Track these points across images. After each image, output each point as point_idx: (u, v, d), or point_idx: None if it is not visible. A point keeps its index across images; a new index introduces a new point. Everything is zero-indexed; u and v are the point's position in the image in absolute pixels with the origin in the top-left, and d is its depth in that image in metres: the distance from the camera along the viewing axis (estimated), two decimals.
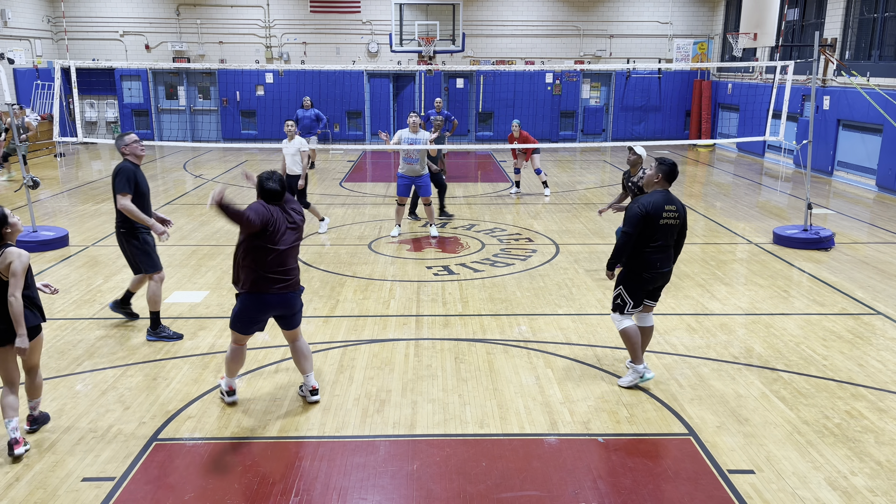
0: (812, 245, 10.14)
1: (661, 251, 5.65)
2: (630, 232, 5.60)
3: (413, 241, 10.62)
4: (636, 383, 5.82)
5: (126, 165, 6.61)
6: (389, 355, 6.49)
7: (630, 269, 5.74)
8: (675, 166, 5.73)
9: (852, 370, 6.22)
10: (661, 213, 5.57)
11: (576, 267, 9.29)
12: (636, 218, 5.58)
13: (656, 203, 5.59)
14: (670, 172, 5.72)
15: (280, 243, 5.18)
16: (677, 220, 5.67)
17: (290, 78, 22.04)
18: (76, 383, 5.91)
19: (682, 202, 5.77)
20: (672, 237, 5.71)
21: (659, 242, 5.62)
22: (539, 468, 4.71)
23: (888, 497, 4.41)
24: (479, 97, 22.45)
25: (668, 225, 5.62)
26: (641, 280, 5.71)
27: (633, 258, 5.68)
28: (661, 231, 5.61)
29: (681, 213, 5.70)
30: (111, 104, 22.63)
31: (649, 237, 5.60)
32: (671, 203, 5.65)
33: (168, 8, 22.07)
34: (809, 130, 10.69)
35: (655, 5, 22.55)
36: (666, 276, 5.79)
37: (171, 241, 10.51)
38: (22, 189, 12.39)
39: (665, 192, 5.71)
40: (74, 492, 4.44)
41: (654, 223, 5.57)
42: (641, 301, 5.81)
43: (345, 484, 4.54)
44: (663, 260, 5.69)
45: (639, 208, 5.59)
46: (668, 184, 5.75)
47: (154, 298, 6.73)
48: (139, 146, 6.73)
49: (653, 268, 5.66)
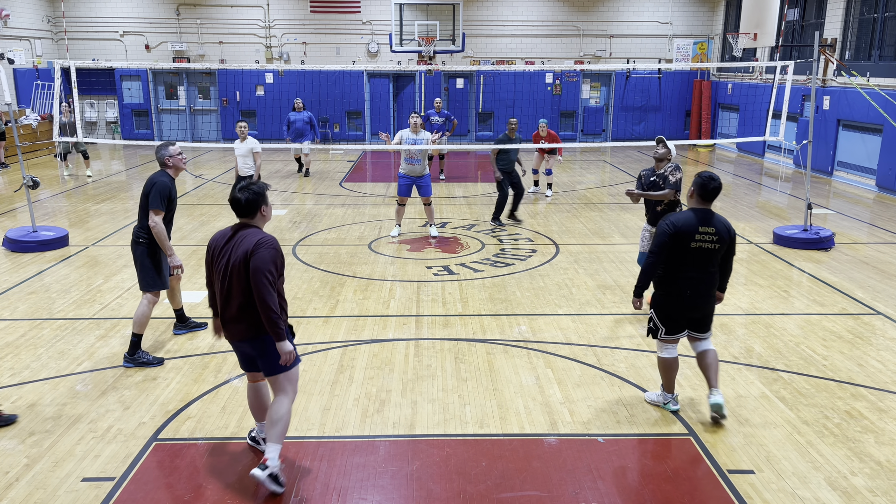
0: (812, 245, 10.14)
1: (693, 278, 5.02)
2: (655, 252, 5.03)
3: (413, 241, 10.62)
4: (657, 405, 5.49)
5: (163, 179, 6.25)
6: (389, 355, 6.49)
7: (659, 292, 5.19)
8: (710, 180, 5.03)
9: (852, 370, 6.22)
10: (693, 234, 4.94)
11: (576, 267, 9.29)
12: (661, 237, 5.00)
13: (688, 222, 4.96)
14: (702, 186, 5.03)
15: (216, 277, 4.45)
16: (715, 244, 4.97)
17: (290, 78, 22.04)
18: (76, 383, 5.91)
19: (727, 223, 5.07)
20: (710, 263, 5.02)
21: (691, 268, 5.00)
22: (539, 468, 4.70)
23: (888, 497, 4.41)
24: (479, 97, 22.45)
25: (702, 249, 4.96)
26: (672, 306, 5.12)
27: (663, 281, 5.12)
28: (694, 255, 4.97)
29: (722, 236, 4.99)
30: (111, 104, 22.63)
31: (679, 261, 5.00)
32: (708, 224, 4.97)
33: (168, 8, 22.07)
34: (809, 130, 10.69)
35: (655, 5, 22.56)
36: (701, 308, 5.13)
37: (172, 241, 10.48)
38: (22, 189, 12.39)
39: (702, 210, 5.03)
40: (74, 492, 4.44)
41: (683, 245, 4.95)
42: (678, 329, 5.19)
43: (345, 484, 4.54)
44: (696, 289, 5.03)
45: (666, 226, 5.00)
46: (705, 201, 5.06)
47: (141, 320, 6.22)
48: (182, 159, 6.43)
49: (681, 295, 5.05)
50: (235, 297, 4.32)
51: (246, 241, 4.31)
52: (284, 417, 4.40)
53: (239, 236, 4.37)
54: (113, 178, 16.27)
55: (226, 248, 4.37)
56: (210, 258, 4.48)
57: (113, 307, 7.71)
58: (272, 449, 4.39)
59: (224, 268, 4.35)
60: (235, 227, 4.45)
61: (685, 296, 5.04)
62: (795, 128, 17.33)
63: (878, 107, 12.41)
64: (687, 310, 5.12)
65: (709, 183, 5.03)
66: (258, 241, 4.27)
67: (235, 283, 4.31)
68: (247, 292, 4.29)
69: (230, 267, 4.31)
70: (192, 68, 19.42)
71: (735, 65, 17.88)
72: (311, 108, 21.95)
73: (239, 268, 4.27)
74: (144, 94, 22.35)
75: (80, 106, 22.36)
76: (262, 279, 4.19)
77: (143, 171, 16.58)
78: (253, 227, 4.42)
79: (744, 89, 20.21)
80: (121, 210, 12.70)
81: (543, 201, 13.65)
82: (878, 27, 15.23)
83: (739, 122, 20.41)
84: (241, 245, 4.30)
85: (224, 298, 4.39)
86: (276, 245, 4.33)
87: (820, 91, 16.47)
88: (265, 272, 4.20)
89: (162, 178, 6.27)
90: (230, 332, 4.44)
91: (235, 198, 4.38)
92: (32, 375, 6.04)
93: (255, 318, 4.30)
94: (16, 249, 9.84)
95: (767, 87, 18.53)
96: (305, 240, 10.58)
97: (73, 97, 12.08)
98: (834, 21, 16.48)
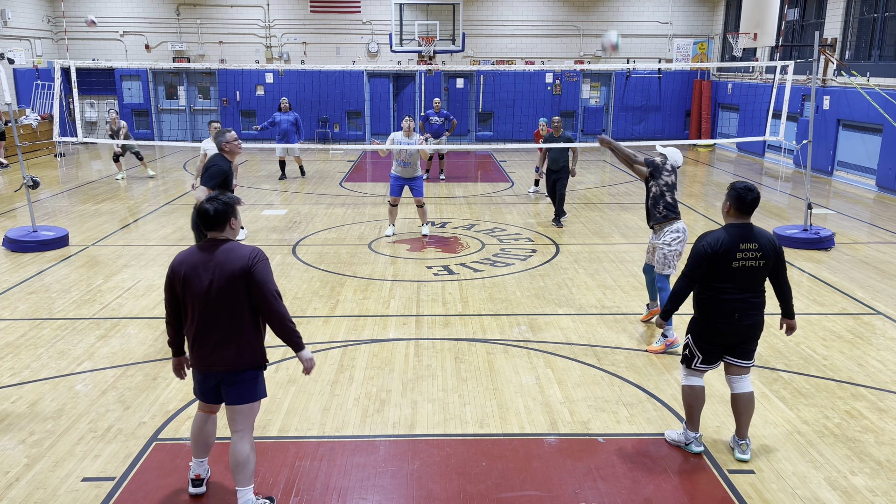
0: (812, 245, 10.14)
1: (740, 299, 4.58)
2: (688, 276, 4.64)
3: (413, 241, 10.61)
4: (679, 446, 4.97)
5: (220, 163, 6.86)
6: (389, 355, 6.49)
7: (701, 314, 4.72)
8: (747, 191, 4.58)
9: (852, 370, 6.22)
10: (734, 253, 4.52)
11: (576, 267, 9.29)
12: (696, 260, 4.59)
13: (726, 241, 4.53)
14: (740, 199, 4.59)
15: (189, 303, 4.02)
16: (760, 260, 4.54)
17: (290, 78, 22.04)
18: (76, 383, 5.91)
19: (770, 237, 4.63)
20: (758, 282, 4.62)
21: (736, 288, 4.57)
22: (539, 468, 4.70)
23: (888, 497, 4.41)
24: (479, 97, 22.45)
25: (747, 268, 4.54)
26: (714, 332, 4.66)
27: (704, 305, 4.68)
28: (738, 275, 4.55)
29: (767, 251, 4.55)
30: (111, 104, 22.63)
31: (722, 282, 4.58)
32: (750, 240, 4.54)
33: (168, 8, 22.07)
34: (809, 130, 10.69)
35: (655, 5, 22.56)
36: (748, 330, 4.66)
37: (171, 241, 10.52)
38: (22, 189, 12.39)
39: (741, 225, 4.61)
40: (74, 492, 4.44)
41: (725, 265, 4.53)
42: (716, 358, 4.76)
43: (345, 484, 4.54)
44: (744, 310, 4.59)
45: (701, 248, 4.58)
46: (744, 214, 4.63)
47: None
48: (238, 144, 7.00)
49: (728, 318, 4.59)
50: (222, 321, 3.98)
51: (231, 257, 3.96)
52: (250, 457, 4.11)
53: (217, 255, 3.98)
54: (113, 178, 16.27)
55: (201, 270, 3.96)
56: (179, 282, 4.00)
57: (113, 307, 7.71)
58: (244, 493, 4.11)
59: (204, 291, 3.94)
60: (205, 244, 4.04)
61: (732, 319, 4.59)
62: (795, 128, 17.33)
63: (878, 107, 12.41)
64: (732, 335, 4.64)
65: (746, 195, 4.58)
66: (251, 255, 3.97)
67: (219, 308, 3.96)
68: (233, 316, 3.98)
69: (213, 289, 3.93)
70: (192, 68, 19.42)
71: (735, 65, 17.88)
72: (311, 107, 21.99)
73: (226, 288, 3.93)
74: (144, 93, 22.35)
75: (81, 106, 22.37)
76: (270, 293, 3.97)
77: (144, 171, 16.59)
78: (224, 240, 4.05)
79: (744, 89, 20.22)
80: (121, 210, 12.70)
81: (544, 201, 13.65)
82: (878, 27, 15.23)
83: (739, 122, 20.41)
84: (227, 263, 3.94)
85: (202, 325, 4.00)
86: (266, 257, 4.08)
87: (820, 91, 16.47)
88: (271, 284, 3.99)
89: (219, 162, 6.86)
90: (212, 361, 4.02)
91: (204, 209, 4.01)
92: (32, 375, 6.05)
93: (243, 343, 4.02)
94: (16, 249, 9.85)
95: (767, 86, 18.53)
96: (305, 240, 10.58)
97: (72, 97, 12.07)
98: (834, 21, 16.48)
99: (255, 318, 4.05)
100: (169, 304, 4.09)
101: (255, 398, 4.13)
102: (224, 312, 3.97)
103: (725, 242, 4.53)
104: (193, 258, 4.00)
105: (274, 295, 3.99)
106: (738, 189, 4.61)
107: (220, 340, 4.00)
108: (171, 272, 4.04)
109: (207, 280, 3.94)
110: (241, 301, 3.97)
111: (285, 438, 5.06)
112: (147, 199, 13.77)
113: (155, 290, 8.30)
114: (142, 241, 10.56)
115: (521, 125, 22.43)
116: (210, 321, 3.98)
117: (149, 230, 11.22)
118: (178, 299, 4.06)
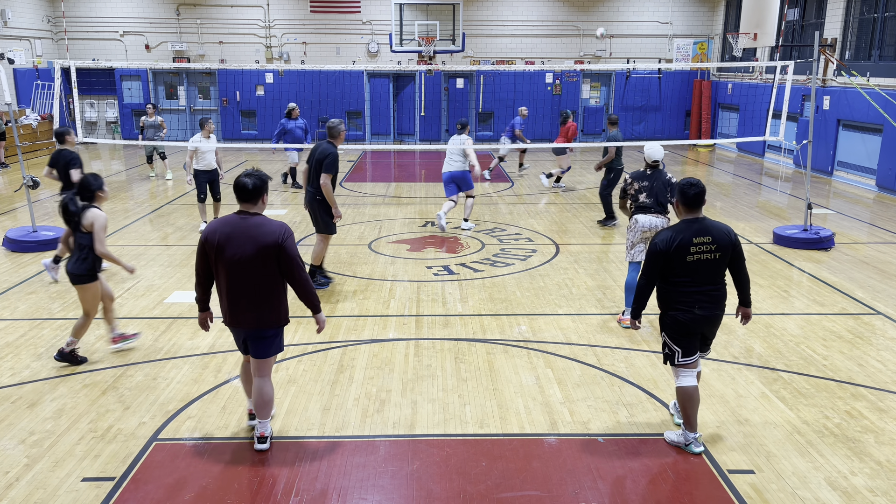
0: (812, 245, 10.14)
1: (699, 292, 4.69)
2: (646, 274, 4.77)
3: (413, 241, 10.61)
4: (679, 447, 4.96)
5: (334, 149, 7.85)
6: (389, 355, 6.49)
7: (664, 309, 4.85)
8: (689, 186, 4.71)
9: (852, 370, 6.22)
10: (688, 248, 4.62)
11: (576, 267, 9.29)
12: (651, 257, 4.70)
13: (679, 237, 4.64)
14: (682, 194, 4.72)
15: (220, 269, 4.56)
16: (716, 252, 4.64)
17: (290, 78, 22.04)
18: (76, 383, 5.90)
19: (725, 228, 4.74)
20: (717, 274, 4.72)
21: (694, 282, 4.68)
22: (539, 468, 4.70)
23: (888, 497, 4.41)
24: (479, 97, 22.45)
25: (702, 261, 4.64)
26: (681, 324, 4.75)
27: (667, 301, 4.79)
28: (695, 269, 4.65)
29: (722, 243, 4.65)
30: (111, 104, 22.63)
31: (681, 277, 4.68)
32: (703, 234, 4.64)
33: (168, 8, 22.07)
34: (809, 130, 10.69)
35: (655, 5, 22.56)
36: (712, 322, 4.82)
37: (172, 240, 10.52)
38: (22, 189, 12.39)
39: (692, 220, 4.71)
40: (74, 492, 4.44)
41: (680, 261, 4.63)
42: (694, 349, 4.83)
43: (345, 484, 4.54)
44: (704, 302, 4.70)
45: (655, 246, 4.70)
46: (692, 209, 4.73)
47: (320, 254, 8.26)
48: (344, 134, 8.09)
49: (689, 311, 4.70)
50: (249, 287, 4.53)
51: (260, 231, 4.47)
52: (271, 396, 4.85)
53: (246, 227, 4.48)
54: (113, 178, 16.27)
55: (231, 240, 4.47)
56: (213, 248, 4.51)
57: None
58: (264, 424, 4.87)
59: (237, 259, 4.47)
60: (236, 216, 4.55)
61: (693, 310, 4.70)
62: (795, 128, 17.33)
63: (878, 107, 12.41)
64: (698, 323, 4.74)
65: (689, 190, 4.69)
66: (281, 231, 4.51)
67: (249, 274, 4.49)
68: (262, 281, 4.51)
69: (242, 259, 4.46)
70: (192, 68, 19.42)
71: (735, 65, 17.89)
72: (310, 108, 21.97)
73: (257, 259, 4.46)
74: (144, 93, 22.35)
75: (81, 106, 22.37)
76: (297, 265, 4.55)
77: (144, 171, 16.58)
78: (255, 214, 4.56)
79: (744, 89, 20.22)
80: (121, 210, 12.70)
81: (544, 201, 13.65)
82: (878, 27, 15.24)
83: (739, 122, 20.41)
84: (259, 237, 4.45)
85: (232, 288, 4.54)
86: (292, 232, 4.63)
87: (820, 91, 16.47)
88: (298, 257, 4.57)
89: (333, 149, 7.84)
90: (240, 320, 4.63)
91: (242, 182, 4.53)
92: (32, 375, 6.05)
93: (266, 307, 4.58)
94: (16, 249, 9.84)
95: (767, 86, 18.53)
96: (306, 240, 10.58)
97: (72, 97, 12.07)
98: (834, 21, 16.48)
99: (279, 285, 4.60)
100: (200, 266, 4.63)
101: (273, 353, 4.78)
102: (252, 279, 4.50)
103: (678, 238, 4.64)
104: (227, 228, 4.51)
105: (300, 266, 4.59)
106: (681, 185, 4.74)
107: (248, 303, 4.56)
108: (205, 238, 4.54)
109: (240, 249, 4.45)
110: (269, 270, 4.51)
111: (285, 438, 5.06)
112: (147, 200, 13.76)
113: (155, 290, 8.30)
114: (141, 241, 10.56)
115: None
116: (239, 285, 4.52)
117: (149, 230, 11.22)
118: (208, 263, 4.59)
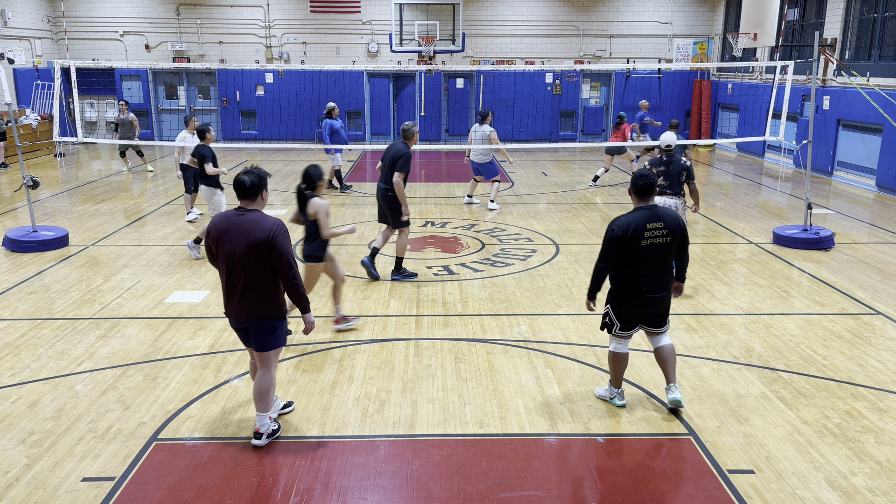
0: (812, 245, 10.14)
1: (648, 275, 5.12)
2: (603, 258, 5.14)
3: (413, 241, 10.61)
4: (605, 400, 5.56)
5: (408, 150, 8.22)
6: (389, 355, 6.49)
7: (615, 289, 5.27)
8: (640, 177, 5.15)
9: (852, 370, 6.22)
10: (642, 233, 5.03)
11: (576, 267, 9.29)
12: (609, 243, 5.08)
13: (634, 222, 5.05)
14: (633, 184, 5.18)
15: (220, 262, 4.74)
16: (667, 237, 5.08)
17: (290, 78, 22.04)
18: (76, 383, 5.91)
19: (676, 216, 5.22)
20: (665, 258, 5.15)
21: (645, 265, 5.10)
22: (539, 468, 4.70)
23: (888, 497, 4.41)
24: (479, 97, 22.45)
25: (655, 245, 5.07)
26: (627, 304, 5.21)
27: (619, 279, 5.20)
28: (647, 253, 5.07)
29: (672, 228, 5.10)
30: (111, 104, 22.63)
31: (633, 260, 5.08)
32: (656, 220, 5.07)
33: (168, 8, 22.07)
34: (809, 130, 10.69)
35: (655, 5, 22.55)
36: (658, 303, 5.22)
37: (172, 240, 10.53)
38: (22, 189, 12.39)
39: (645, 208, 5.14)
40: (74, 492, 4.44)
41: (634, 245, 5.04)
42: (632, 325, 5.30)
43: (345, 484, 4.54)
44: (652, 284, 5.13)
45: (612, 231, 5.09)
46: (643, 198, 5.18)
47: (402, 247, 8.61)
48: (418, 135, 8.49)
49: (637, 293, 5.14)
50: (240, 280, 4.65)
51: (255, 227, 4.58)
52: (270, 390, 4.88)
53: (240, 223, 4.62)
54: (113, 178, 16.27)
55: (227, 235, 4.62)
56: (213, 243, 4.69)
57: (113, 307, 7.71)
58: (262, 417, 4.89)
59: (231, 253, 4.61)
60: (234, 212, 4.70)
61: (641, 292, 5.13)
62: (795, 128, 17.33)
63: (878, 107, 12.41)
64: (643, 305, 5.20)
65: (638, 181, 5.17)
66: (273, 227, 4.58)
67: (242, 268, 4.62)
68: (254, 276, 4.62)
69: (235, 253, 4.60)
70: (192, 68, 19.42)
71: (735, 65, 17.88)
72: (311, 108, 21.98)
73: (249, 253, 4.58)
74: (144, 93, 22.35)
75: (81, 106, 22.36)
76: (287, 261, 4.61)
77: (144, 171, 16.58)
78: (253, 210, 4.69)
79: (744, 89, 20.21)
80: (120, 210, 12.70)
81: (544, 201, 13.65)
82: (878, 27, 15.23)
83: (739, 122, 20.41)
84: (252, 232, 4.57)
85: (229, 281, 4.70)
86: (286, 229, 4.69)
87: (820, 91, 16.47)
88: (290, 254, 4.63)
89: (407, 150, 8.22)
90: (237, 311, 4.74)
91: (241, 180, 4.66)
92: (32, 375, 6.05)
93: (257, 301, 4.67)
94: (16, 249, 9.84)
95: (767, 86, 18.53)
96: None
97: (72, 97, 12.08)
98: (834, 21, 16.48)
99: (271, 278, 4.69)
100: (211, 261, 4.86)
101: (273, 346, 4.83)
102: (246, 272, 4.63)
103: (634, 224, 5.06)
104: (225, 223, 4.65)
105: (290, 263, 4.64)
106: (633, 176, 5.22)
107: (243, 295, 4.68)
108: (208, 233, 4.73)
109: (234, 244, 4.59)
110: (262, 264, 4.61)
111: (285, 438, 5.06)
112: (147, 200, 13.76)
113: (155, 290, 8.30)
114: (141, 241, 10.56)
115: (520, 125, 22.43)
116: (234, 278, 4.66)
117: (148, 230, 11.22)
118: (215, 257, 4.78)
